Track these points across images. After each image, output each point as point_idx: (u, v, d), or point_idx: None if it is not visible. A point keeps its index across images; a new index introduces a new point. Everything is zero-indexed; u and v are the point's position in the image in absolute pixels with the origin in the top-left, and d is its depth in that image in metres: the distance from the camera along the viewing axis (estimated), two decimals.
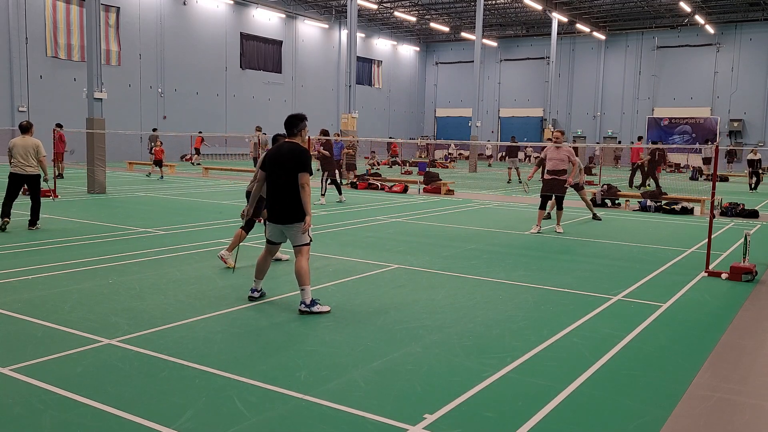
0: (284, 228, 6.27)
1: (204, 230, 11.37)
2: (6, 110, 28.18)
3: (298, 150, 6.24)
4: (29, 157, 10.93)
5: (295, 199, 6.15)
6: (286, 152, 6.23)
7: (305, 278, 6.16)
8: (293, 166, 6.15)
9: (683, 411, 4.18)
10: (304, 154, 6.23)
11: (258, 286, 6.64)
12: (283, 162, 6.19)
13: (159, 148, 23.01)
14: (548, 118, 45.86)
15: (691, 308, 6.80)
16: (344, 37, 43.34)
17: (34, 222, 11.04)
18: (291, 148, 6.25)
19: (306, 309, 6.13)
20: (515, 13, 45.06)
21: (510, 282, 7.78)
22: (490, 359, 5.02)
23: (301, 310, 6.14)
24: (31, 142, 11.02)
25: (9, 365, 4.65)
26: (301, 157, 6.19)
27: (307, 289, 6.16)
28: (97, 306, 6.27)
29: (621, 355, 5.23)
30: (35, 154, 10.97)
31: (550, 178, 11.92)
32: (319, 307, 6.17)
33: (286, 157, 6.20)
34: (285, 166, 6.18)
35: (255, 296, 6.60)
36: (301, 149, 6.27)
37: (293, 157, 6.17)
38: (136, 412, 3.94)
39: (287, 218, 6.20)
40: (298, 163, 6.15)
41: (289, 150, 6.23)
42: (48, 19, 29.74)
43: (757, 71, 42.32)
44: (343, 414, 3.99)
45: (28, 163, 10.93)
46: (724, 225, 13.66)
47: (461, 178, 27.01)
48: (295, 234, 6.24)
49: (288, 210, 6.19)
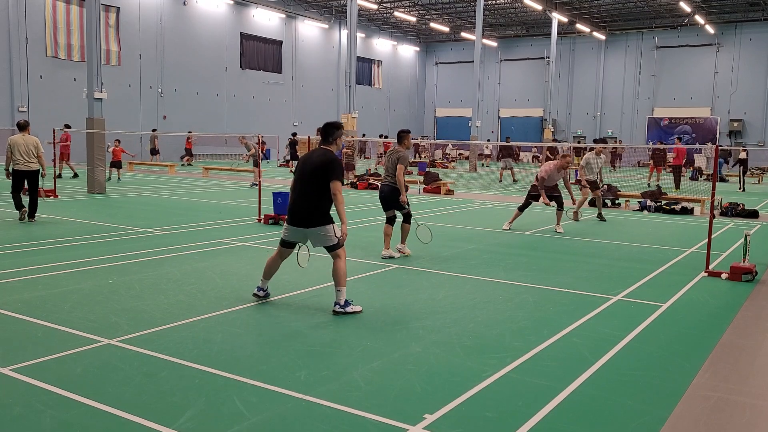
0: (308, 232, 6.27)
1: (204, 230, 11.37)
2: (6, 110, 28.18)
3: (328, 158, 6.22)
4: (30, 154, 11.60)
5: (320, 204, 6.15)
6: (315, 159, 6.24)
7: (342, 279, 6.17)
8: (322, 174, 6.13)
9: (683, 411, 4.18)
10: (334, 163, 6.20)
11: (264, 285, 6.64)
12: (312, 169, 6.20)
13: (118, 147, 21.50)
14: (548, 118, 45.86)
15: (691, 308, 6.80)
16: (344, 37, 43.34)
17: (32, 214, 11.80)
18: (321, 154, 6.26)
19: (340, 309, 6.13)
20: (515, 13, 45.05)
21: (510, 282, 7.78)
22: (490, 359, 5.02)
23: (335, 311, 6.14)
24: (31, 140, 11.68)
25: (9, 365, 4.65)
26: (332, 165, 6.16)
27: (343, 291, 6.17)
28: (97, 306, 6.27)
29: (621, 355, 5.23)
30: (36, 150, 11.66)
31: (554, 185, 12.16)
32: (352, 307, 6.18)
33: (315, 164, 6.20)
34: (313, 172, 6.17)
35: (260, 295, 6.59)
36: (332, 157, 6.24)
37: (322, 165, 6.16)
38: (136, 412, 3.93)
39: (311, 222, 6.19)
40: (327, 171, 6.13)
41: (319, 157, 6.24)
42: (48, 19, 29.74)
43: (757, 71, 42.31)
44: (343, 414, 3.99)
45: (30, 159, 11.64)
46: (724, 225, 13.66)
47: (461, 178, 27.00)
48: (321, 237, 6.23)
49: (312, 214, 6.17)
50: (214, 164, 31.08)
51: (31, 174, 11.70)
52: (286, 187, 18.20)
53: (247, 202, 16.07)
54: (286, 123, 42.15)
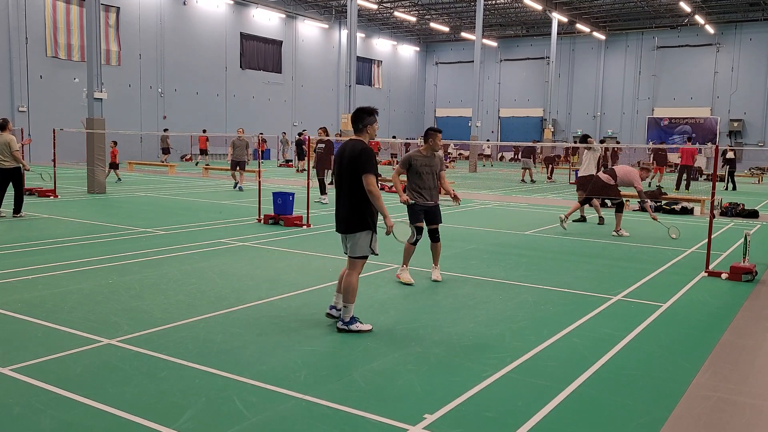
0: (343, 237, 5.70)
1: (204, 230, 11.37)
2: (6, 110, 28.15)
3: (359, 149, 5.48)
4: (4, 152, 12.04)
5: (354, 205, 5.51)
6: (346, 152, 5.56)
7: (350, 295, 5.57)
8: (353, 169, 5.46)
9: (683, 411, 4.18)
10: (364, 154, 5.45)
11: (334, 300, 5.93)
12: (344, 163, 5.55)
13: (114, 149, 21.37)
14: (548, 118, 45.85)
15: (691, 308, 6.80)
16: (344, 37, 43.34)
17: (16, 209, 12.29)
18: (352, 146, 5.55)
19: (344, 327, 5.59)
20: (515, 13, 45.04)
21: (510, 282, 7.78)
22: (490, 359, 5.02)
23: (339, 327, 5.61)
24: (5, 139, 12.06)
25: (9, 365, 4.65)
26: (362, 156, 5.43)
27: (350, 307, 5.59)
28: (97, 306, 6.27)
29: (621, 355, 5.23)
30: (8, 148, 12.04)
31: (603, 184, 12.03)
32: (358, 325, 5.60)
33: (347, 157, 5.52)
34: (346, 168, 5.52)
35: (330, 313, 5.92)
36: (363, 147, 5.50)
37: (353, 158, 5.47)
38: (136, 412, 3.93)
39: (345, 227, 5.61)
40: (357, 163, 5.43)
41: (350, 149, 5.54)
42: (48, 19, 29.73)
43: (757, 71, 42.30)
44: (343, 414, 3.99)
45: (5, 158, 12.06)
46: (724, 225, 13.66)
47: (461, 178, 27.00)
48: (353, 244, 5.59)
49: (346, 217, 5.58)
50: (214, 164, 31.06)
51: (7, 172, 12.10)
52: (286, 187, 18.23)
53: (247, 202, 16.07)
54: (286, 123, 42.16)
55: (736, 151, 24.30)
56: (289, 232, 11.44)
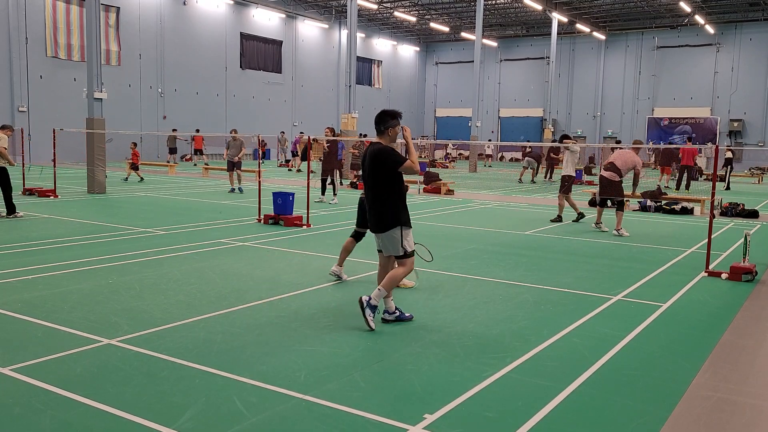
0: (377, 236, 5.88)
1: (204, 230, 11.37)
2: (6, 110, 28.18)
3: (383, 152, 5.70)
4: None
5: (385, 205, 5.72)
6: (370, 156, 5.78)
7: (388, 284, 5.69)
8: (380, 169, 5.69)
9: (683, 411, 4.18)
10: (386, 152, 5.69)
11: (390, 306, 5.94)
12: (369, 167, 5.76)
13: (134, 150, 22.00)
14: (548, 118, 45.85)
15: (691, 308, 6.80)
16: (344, 37, 43.35)
17: (10, 210, 12.19)
18: (375, 150, 5.76)
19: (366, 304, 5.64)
20: (515, 13, 45.05)
21: (510, 282, 7.78)
22: (490, 359, 5.02)
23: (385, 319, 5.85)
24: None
25: (9, 365, 4.65)
26: (387, 158, 5.66)
27: (382, 292, 5.66)
28: (97, 306, 6.27)
29: (621, 355, 5.23)
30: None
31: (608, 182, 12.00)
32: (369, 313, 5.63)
33: (371, 161, 5.75)
34: (369, 170, 5.76)
35: (390, 319, 5.92)
36: (385, 150, 5.71)
37: (378, 161, 5.69)
38: (136, 412, 3.93)
39: (378, 226, 5.79)
40: (384, 164, 5.66)
41: (373, 153, 5.76)
42: (48, 19, 29.74)
43: (757, 71, 42.31)
44: (343, 414, 3.99)
45: None
46: (724, 225, 13.66)
47: (461, 178, 27.01)
48: (389, 243, 5.77)
49: (378, 217, 5.77)
50: (214, 164, 31.06)
51: None
52: (286, 187, 18.23)
53: (247, 202, 16.07)
54: (286, 123, 42.16)
55: (734, 151, 24.27)
56: (289, 232, 11.44)
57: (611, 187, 11.97)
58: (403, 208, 5.81)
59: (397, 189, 5.79)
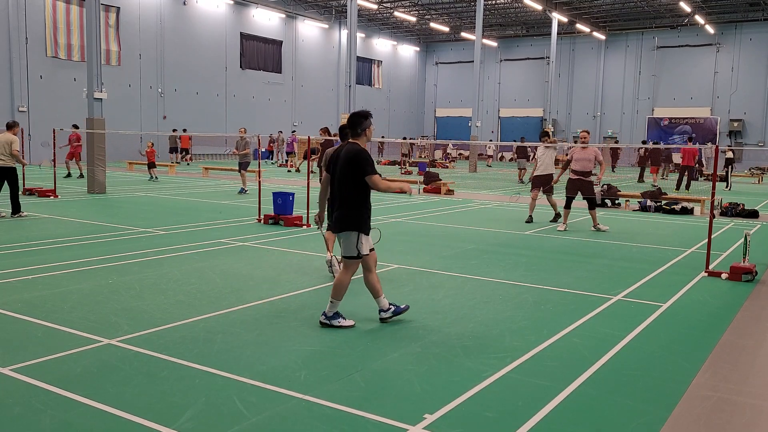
0: (338, 236, 5.84)
1: (204, 230, 11.37)
2: (6, 110, 28.17)
3: (355, 152, 5.70)
4: (5, 152, 12.16)
5: (349, 206, 5.70)
6: (343, 155, 5.76)
7: (339, 292, 5.77)
8: (351, 171, 5.66)
9: (683, 411, 4.18)
10: (361, 156, 5.67)
11: (384, 304, 5.95)
12: (342, 166, 5.73)
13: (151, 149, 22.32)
14: (548, 118, 45.85)
15: (691, 308, 6.80)
16: (344, 37, 43.34)
17: (13, 211, 12.29)
18: (348, 150, 5.75)
19: (326, 321, 5.76)
20: (515, 13, 45.05)
21: (510, 282, 7.78)
22: (490, 359, 5.02)
23: (321, 321, 5.79)
24: (6, 138, 12.23)
25: (9, 365, 4.65)
26: (359, 160, 5.64)
27: (336, 303, 5.78)
28: (97, 306, 6.27)
29: (621, 355, 5.23)
30: (8, 148, 12.17)
31: (576, 179, 12.05)
32: (341, 321, 5.77)
33: (343, 160, 5.73)
34: (340, 170, 5.74)
35: (386, 317, 5.93)
36: (359, 151, 5.72)
37: (350, 161, 5.67)
38: (136, 412, 3.93)
39: (338, 226, 5.76)
40: (356, 167, 5.63)
41: (347, 153, 5.74)
42: (48, 19, 29.73)
43: (757, 71, 42.30)
44: (343, 414, 3.99)
45: (2, 156, 12.17)
46: (724, 225, 13.66)
47: (461, 178, 27.00)
48: (344, 244, 5.77)
49: (339, 217, 5.75)
50: (214, 164, 31.07)
51: (4, 171, 12.20)
52: (286, 187, 18.22)
53: (247, 202, 16.07)
54: (286, 123, 42.14)
55: (735, 150, 24.29)
56: (289, 232, 11.44)
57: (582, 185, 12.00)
58: (367, 215, 5.80)
59: (364, 194, 5.76)
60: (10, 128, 12.54)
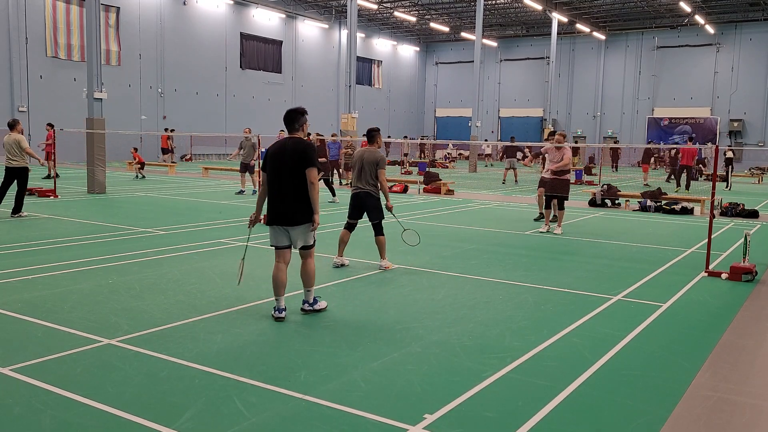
0: (290, 229, 5.97)
1: (204, 230, 11.37)
2: (6, 110, 28.18)
3: (303, 145, 5.93)
4: (13, 151, 12.17)
5: (302, 198, 5.88)
6: (290, 149, 5.90)
7: (312, 280, 6.17)
8: (298, 163, 5.84)
9: (683, 411, 4.18)
10: (309, 149, 5.92)
11: (281, 304, 5.99)
12: (288, 159, 5.86)
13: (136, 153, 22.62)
14: (548, 118, 45.87)
15: (691, 308, 6.80)
16: (344, 37, 43.35)
17: (15, 210, 12.24)
18: (295, 143, 5.94)
19: (310, 308, 6.16)
20: (515, 13, 45.06)
21: (510, 282, 7.78)
22: (490, 359, 5.02)
23: (304, 309, 6.16)
24: (12, 138, 12.23)
25: (9, 365, 4.65)
26: (307, 152, 5.88)
27: (312, 291, 6.18)
28: (97, 306, 6.27)
29: (621, 355, 5.23)
30: (17, 148, 12.18)
31: (552, 178, 11.92)
32: (319, 304, 6.22)
33: (290, 154, 5.87)
34: (289, 164, 5.85)
35: (281, 317, 5.92)
36: (306, 144, 5.96)
37: (298, 154, 5.86)
38: (136, 412, 3.93)
39: (294, 219, 5.91)
40: (303, 159, 5.84)
41: (294, 146, 5.92)
42: (48, 19, 29.74)
43: (757, 71, 42.31)
44: (343, 414, 3.99)
45: (13, 156, 12.18)
46: (724, 225, 13.66)
47: (461, 178, 27.00)
48: (302, 235, 5.98)
49: (295, 210, 5.89)
50: (214, 164, 31.07)
51: (14, 171, 12.23)
52: None
53: (247, 202, 16.07)
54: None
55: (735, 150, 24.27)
56: None
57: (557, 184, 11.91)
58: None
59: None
60: (13, 127, 12.53)
